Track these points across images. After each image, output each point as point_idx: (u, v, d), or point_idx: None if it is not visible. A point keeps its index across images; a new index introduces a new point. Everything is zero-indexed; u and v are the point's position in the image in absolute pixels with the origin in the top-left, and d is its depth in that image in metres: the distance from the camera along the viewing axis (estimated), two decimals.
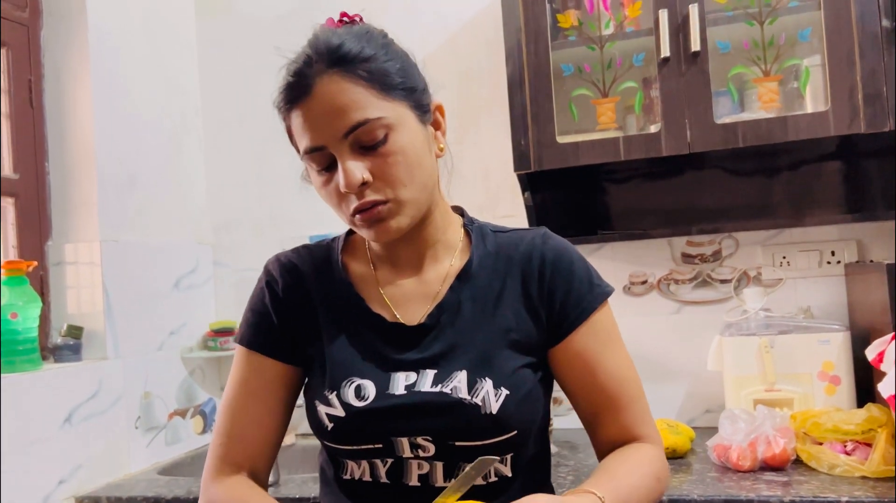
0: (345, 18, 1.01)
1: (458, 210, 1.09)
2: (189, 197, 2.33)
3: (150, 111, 2.17)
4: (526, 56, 1.83)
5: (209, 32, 2.43)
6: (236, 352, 1.07)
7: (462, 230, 1.07)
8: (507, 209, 2.10)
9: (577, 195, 2.12)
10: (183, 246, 2.27)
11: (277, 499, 1.64)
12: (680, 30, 1.75)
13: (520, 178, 1.90)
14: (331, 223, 2.32)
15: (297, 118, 0.94)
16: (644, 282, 2.09)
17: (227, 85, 2.41)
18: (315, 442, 1.29)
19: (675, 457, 1.73)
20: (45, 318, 1.91)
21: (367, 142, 0.92)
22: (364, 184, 0.92)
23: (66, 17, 1.96)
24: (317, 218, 2.34)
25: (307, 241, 2.31)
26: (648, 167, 2.05)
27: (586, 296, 1.00)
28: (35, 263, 1.81)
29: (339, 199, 0.95)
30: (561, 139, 1.83)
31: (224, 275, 2.39)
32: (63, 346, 1.86)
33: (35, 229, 1.93)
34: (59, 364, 1.84)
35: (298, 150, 0.98)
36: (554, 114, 1.82)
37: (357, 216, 0.94)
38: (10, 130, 1.89)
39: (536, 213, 1.99)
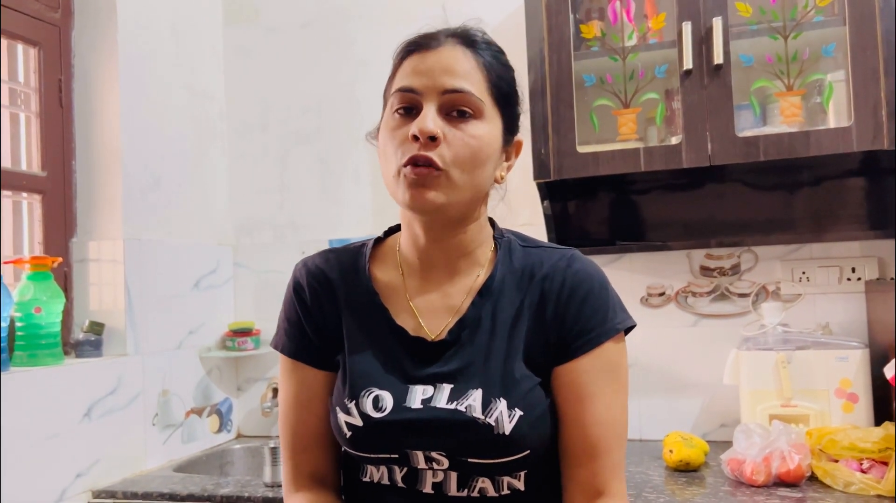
0: None
1: (490, 222, 1.09)
2: (211, 199, 2.37)
3: (175, 114, 2.20)
4: (548, 65, 1.84)
5: (236, 39, 2.46)
6: (280, 360, 1.09)
7: (492, 243, 1.06)
8: (527, 218, 2.11)
9: (596, 205, 2.13)
10: (204, 247, 2.30)
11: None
12: (703, 42, 1.75)
13: (539, 186, 1.90)
14: (349, 228, 2.35)
15: (409, 63, 0.97)
16: (662, 294, 2.08)
17: (252, 91, 2.45)
18: None
19: (689, 469, 1.72)
20: (67, 314, 1.94)
21: (459, 107, 0.95)
22: (433, 139, 0.93)
23: (97, 19, 2.00)
24: (335, 223, 2.37)
25: (326, 246, 2.36)
26: (669, 179, 2.05)
27: (595, 329, 0.98)
28: (60, 259, 1.84)
29: (399, 144, 0.95)
30: (581, 149, 1.84)
31: (244, 277, 2.42)
32: (84, 342, 1.89)
33: (61, 226, 1.96)
34: (80, 359, 1.87)
35: (387, 93, 1.01)
36: (575, 123, 1.83)
37: (407, 168, 0.94)
38: (39, 129, 1.93)
39: (555, 223, 1.99)
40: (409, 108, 0.95)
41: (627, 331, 1.01)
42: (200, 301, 2.25)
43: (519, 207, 2.12)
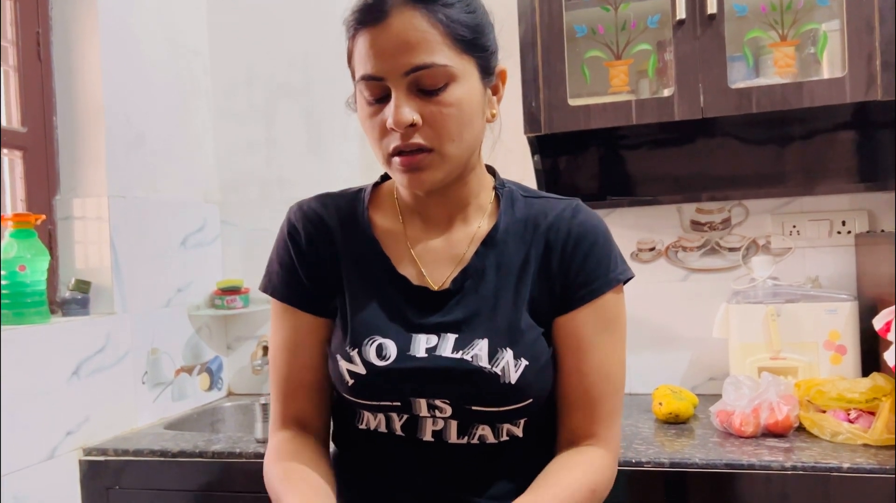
0: None
1: (491, 170, 1.08)
2: (197, 155, 2.33)
3: (158, 69, 2.15)
4: (539, 16, 1.80)
5: None
6: (271, 304, 1.07)
7: (493, 192, 1.05)
8: (517, 173, 2.06)
9: (587, 160, 2.11)
10: (190, 204, 2.27)
11: None
12: None
13: (530, 141, 1.88)
14: (337, 184, 2.31)
15: (363, 41, 0.91)
16: (652, 249, 2.08)
17: (236, 45, 2.39)
18: None
19: (678, 422, 1.74)
20: (52, 272, 1.91)
21: (427, 86, 0.90)
22: (412, 125, 0.90)
23: None
24: (323, 179, 2.34)
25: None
26: (660, 133, 2.03)
27: (598, 279, 0.99)
28: (43, 217, 1.81)
29: (382, 134, 0.93)
30: (572, 102, 1.81)
31: (231, 235, 2.40)
32: (71, 300, 1.87)
33: (43, 183, 1.93)
34: (66, 318, 1.85)
35: (353, 74, 0.96)
36: (566, 76, 1.80)
37: (396, 158, 0.93)
38: (17, 83, 1.88)
39: (546, 178, 1.97)
40: (379, 95, 0.92)
41: (625, 282, 1.02)
42: (188, 259, 2.23)
43: (508, 162, 2.09)
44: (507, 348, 0.95)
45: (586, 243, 1.00)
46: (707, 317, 1.95)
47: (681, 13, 1.72)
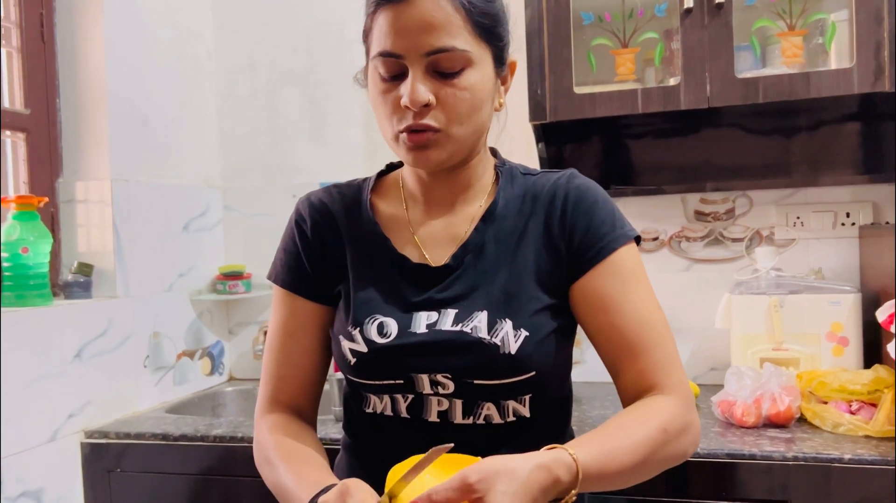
0: None
1: (493, 152, 1.10)
2: (200, 140, 2.32)
3: (162, 53, 2.14)
4: (545, 3, 1.79)
5: None
6: (273, 290, 1.10)
7: (493, 172, 1.07)
8: (521, 160, 2.04)
9: (591, 149, 2.10)
10: (193, 189, 2.27)
11: None
12: None
13: (535, 128, 1.88)
14: (340, 171, 2.32)
15: (384, 19, 0.93)
16: (655, 239, 2.08)
17: (240, 30, 2.38)
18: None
19: None
20: (55, 255, 1.91)
21: (445, 68, 0.92)
22: (427, 105, 0.92)
23: None
24: (326, 165, 2.33)
25: (317, 188, 2.32)
26: (665, 123, 2.02)
27: (607, 236, 0.98)
28: (46, 199, 1.81)
29: (393, 112, 0.95)
30: (578, 90, 1.80)
31: (234, 220, 2.39)
32: (73, 283, 1.87)
33: (46, 166, 1.92)
34: (69, 301, 1.85)
35: (368, 50, 0.98)
36: (572, 63, 1.79)
37: (405, 134, 0.94)
38: (21, 64, 1.87)
39: (550, 166, 1.97)
40: (395, 73, 0.94)
41: (637, 241, 1.02)
42: (190, 244, 2.23)
43: (513, 150, 2.08)
44: (507, 319, 0.95)
45: (586, 203, 1.00)
46: (709, 307, 1.95)
47: (688, 2, 1.71)
